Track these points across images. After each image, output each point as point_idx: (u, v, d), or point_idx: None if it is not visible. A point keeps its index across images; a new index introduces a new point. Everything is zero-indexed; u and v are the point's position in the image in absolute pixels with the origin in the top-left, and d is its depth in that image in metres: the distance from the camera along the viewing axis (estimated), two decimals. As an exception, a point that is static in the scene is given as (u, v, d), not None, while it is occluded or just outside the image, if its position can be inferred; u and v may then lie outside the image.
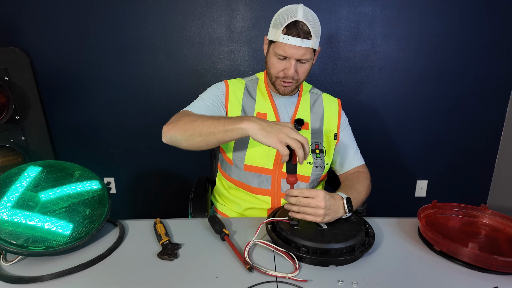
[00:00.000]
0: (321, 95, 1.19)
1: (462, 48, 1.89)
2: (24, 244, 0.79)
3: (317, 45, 1.02)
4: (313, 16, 1.00)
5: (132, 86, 1.96)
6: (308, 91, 1.19)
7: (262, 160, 1.10)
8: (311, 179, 1.12)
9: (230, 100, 1.12)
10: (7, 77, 1.75)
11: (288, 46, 0.98)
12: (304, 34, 0.96)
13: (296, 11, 0.97)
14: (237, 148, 1.13)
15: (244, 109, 1.12)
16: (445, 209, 1.02)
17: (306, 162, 1.11)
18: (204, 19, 1.85)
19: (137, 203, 2.20)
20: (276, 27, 1.00)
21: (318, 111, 1.15)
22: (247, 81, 1.18)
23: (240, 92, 1.14)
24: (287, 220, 0.89)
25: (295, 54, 0.99)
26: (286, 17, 0.98)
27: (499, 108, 2.01)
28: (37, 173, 0.92)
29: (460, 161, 2.10)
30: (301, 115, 1.13)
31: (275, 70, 1.05)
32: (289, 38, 0.97)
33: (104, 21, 1.84)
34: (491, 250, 0.83)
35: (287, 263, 0.80)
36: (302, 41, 0.97)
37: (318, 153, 1.12)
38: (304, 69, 1.04)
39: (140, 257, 0.83)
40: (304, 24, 0.96)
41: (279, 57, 1.02)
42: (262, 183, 1.12)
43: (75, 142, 2.06)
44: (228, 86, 1.14)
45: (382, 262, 0.82)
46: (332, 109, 1.17)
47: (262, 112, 1.12)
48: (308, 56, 1.00)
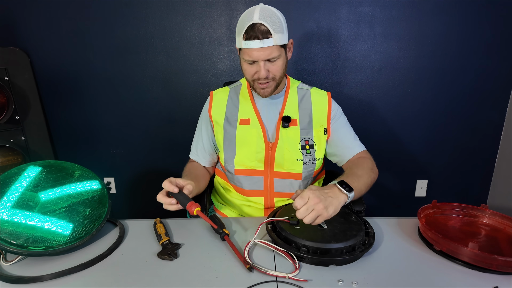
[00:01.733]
0: (309, 90, 1.18)
1: (462, 48, 1.89)
2: (24, 244, 0.79)
3: (283, 40, 1.00)
4: (272, 13, 0.99)
5: (132, 86, 1.96)
6: (295, 87, 1.18)
7: (252, 163, 1.12)
8: (304, 175, 1.13)
9: (213, 111, 1.16)
10: (7, 77, 1.75)
11: (251, 50, 0.99)
12: (263, 34, 0.96)
13: (253, 14, 0.97)
14: (226, 153, 1.15)
15: (228, 117, 1.15)
16: (445, 209, 1.02)
17: (296, 159, 1.11)
18: (204, 19, 1.85)
19: (137, 203, 2.20)
20: (238, 34, 1.01)
21: (306, 107, 1.15)
22: (231, 89, 1.20)
23: (224, 101, 1.17)
24: (287, 220, 0.89)
25: (261, 55, 0.99)
26: (244, 22, 0.98)
27: (499, 108, 2.01)
28: (37, 173, 0.92)
29: (460, 161, 2.10)
30: (289, 112, 1.13)
31: (249, 75, 1.06)
32: (250, 43, 0.97)
33: (104, 21, 1.84)
34: (491, 250, 0.83)
35: (287, 263, 0.80)
36: (262, 42, 0.97)
37: (308, 149, 1.12)
38: (276, 67, 1.03)
39: (140, 257, 0.83)
40: (261, 24, 0.96)
41: (248, 62, 1.03)
42: (254, 185, 1.13)
43: (75, 142, 2.06)
44: (212, 99, 1.19)
45: (382, 262, 0.82)
46: (321, 103, 1.16)
47: (245, 118, 1.13)
48: (275, 54, 1.00)
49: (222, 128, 1.14)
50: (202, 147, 1.21)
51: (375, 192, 2.12)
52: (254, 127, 1.12)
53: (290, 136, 1.11)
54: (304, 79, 1.74)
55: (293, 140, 1.11)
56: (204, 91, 1.94)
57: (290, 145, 1.10)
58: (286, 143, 1.10)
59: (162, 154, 2.08)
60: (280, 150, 1.10)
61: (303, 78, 1.91)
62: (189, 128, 1.29)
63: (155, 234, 0.92)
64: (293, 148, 1.10)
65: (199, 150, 1.22)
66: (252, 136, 1.11)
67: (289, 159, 1.10)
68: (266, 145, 1.11)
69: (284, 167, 1.11)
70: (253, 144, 1.11)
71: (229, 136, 1.13)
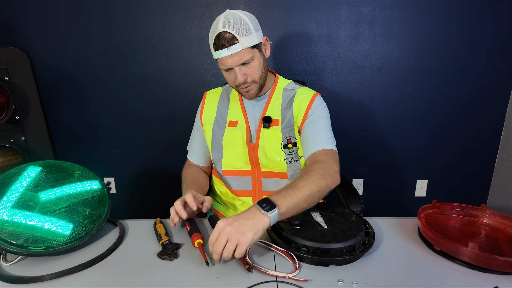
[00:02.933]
0: (295, 90, 1.15)
1: (462, 48, 1.89)
2: (24, 244, 0.79)
3: (252, 41, 0.98)
4: (237, 17, 0.98)
5: (132, 86, 1.96)
6: (281, 88, 1.16)
7: (238, 163, 1.13)
8: (289, 174, 1.13)
9: (204, 113, 1.19)
10: (7, 77, 1.75)
11: (222, 59, 1.00)
12: (228, 41, 0.96)
13: (218, 24, 0.98)
14: (214, 155, 1.17)
15: (217, 119, 1.16)
16: (445, 209, 1.02)
17: (279, 158, 1.10)
18: (204, 19, 1.85)
19: (137, 203, 2.20)
20: (211, 47, 1.02)
21: (289, 107, 1.13)
22: (223, 89, 1.22)
23: (215, 103, 1.19)
24: (287, 220, 0.89)
25: (234, 62, 0.99)
26: (212, 34, 1.00)
27: (499, 108, 2.01)
28: (37, 173, 0.92)
29: (460, 161, 2.10)
30: (271, 113, 1.13)
31: (230, 82, 1.07)
32: (220, 52, 0.98)
33: (104, 21, 1.84)
34: (491, 250, 0.83)
35: (287, 263, 0.80)
36: (230, 49, 0.97)
37: (291, 147, 1.12)
38: (253, 68, 1.03)
39: (140, 257, 0.83)
40: (226, 32, 0.96)
41: (225, 69, 1.04)
42: (242, 185, 1.15)
43: (75, 142, 2.06)
44: (204, 99, 1.22)
45: (382, 262, 0.82)
46: (303, 102, 1.12)
47: (233, 120, 1.15)
48: (247, 57, 0.99)
49: (211, 130, 1.16)
50: (196, 147, 1.24)
51: (375, 192, 2.13)
52: (239, 128, 1.13)
53: (271, 136, 1.11)
54: (304, 79, 1.74)
55: (274, 140, 1.11)
56: (204, 91, 1.91)
57: (271, 145, 1.10)
58: (267, 143, 1.10)
59: (162, 154, 2.08)
60: (262, 150, 1.11)
61: (303, 78, 1.91)
62: (189, 128, 1.29)
63: (155, 234, 0.92)
64: (274, 149, 1.10)
65: (194, 150, 1.25)
66: (237, 138, 1.12)
67: (271, 159, 1.11)
68: (248, 146, 1.12)
69: (269, 167, 1.12)
70: (238, 145, 1.12)
71: (216, 138, 1.15)
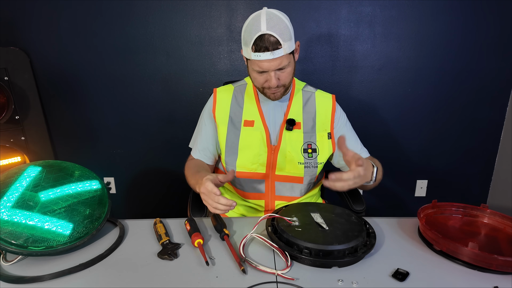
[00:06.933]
0: (314, 93, 1.17)
1: (462, 48, 1.89)
2: (24, 244, 0.79)
3: (291, 47, 0.99)
4: (279, 20, 0.96)
5: (132, 86, 1.96)
6: (300, 90, 1.17)
7: (254, 165, 1.11)
8: (305, 179, 1.12)
9: (217, 111, 1.14)
10: (7, 77, 1.75)
11: (261, 61, 0.97)
12: (273, 45, 0.94)
13: (260, 23, 0.94)
14: (227, 156, 1.13)
15: (232, 118, 1.13)
16: (445, 209, 1.02)
17: (298, 162, 1.10)
18: (204, 19, 1.85)
19: (137, 203, 2.20)
20: (246, 45, 0.98)
21: (310, 110, 1.14)
22: (235, 87, 1.18)
23: (228, 101, 1.15)
24: (289, 221, 0.88)
25: (271, 66, 0.98)
26: (251, 32, 0.95)
27: (499, 108, 2.01)
28: (37, 173, 0.92)
29: (460, 161, 2.10)
30: (293, 115, 1.12)
31: (259, 83, 1.05)
32: (260, 55, 0.95)
33: (104, 21, 1.84)
34: (491, 250, 0.83)
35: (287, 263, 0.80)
36: (273, 54, 0.95)
37: (310, 153, 1.11)
38: (286, 73, 1.02)
39: (140, 257, 0.83)
40: (270, 35, 0.93)
41: (258, 71, 1.01)
42: (255, 187, 1.13)
43: (75, 142, 2.06)
44: (215, 97, 1.16)
45: (382, 261, 0.82)
46: (326, 106, 1.14)
47: (249, 120, 1.12)
48: (285, 63, 0.99)
49: (226, 130, 1.12)
50: (204, 146, 1.18)
51: (375, 192, 2.12)
52: (257, 129, 1.10)
53: (293, 139, 1.10)
54: (304, 79, 1.74)
55: (296, 143, 1.10)
56: (204, 91, 1.94)
57: (293, 148, 1.10)
58: (289, 146, 1.09)
59: (162, 154, 2.08)
60: (283, 153, 1.09)
61: (303, 78, 1.90)
62: (189, 128, 1.28)
63: (155, 234, 0.92)
64: (296, 152, 1.10)
65: (200, 147, 1.18)
66: (255, 139, 1.10)
67: (291, 162, 1.10)
68: (269, 148, 1.10)
69: (286, 170, 1.11)
70: (255, 147, 1.10)
71: (232, 139, 1.12)
